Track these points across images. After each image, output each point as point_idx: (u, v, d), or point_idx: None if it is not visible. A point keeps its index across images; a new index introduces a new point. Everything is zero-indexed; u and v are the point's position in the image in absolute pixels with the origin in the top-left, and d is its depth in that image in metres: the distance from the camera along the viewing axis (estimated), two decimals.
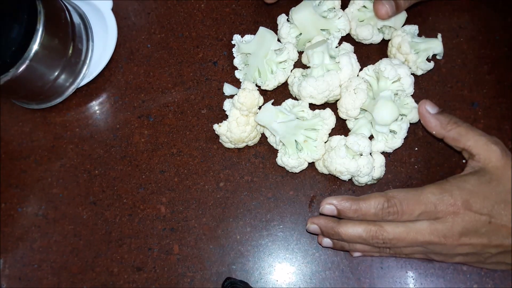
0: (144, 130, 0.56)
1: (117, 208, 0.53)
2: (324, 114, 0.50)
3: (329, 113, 0.50)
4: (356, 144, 0.47)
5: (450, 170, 0.51)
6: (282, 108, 0.50)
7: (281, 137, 0.50)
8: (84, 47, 0.56)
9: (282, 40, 0.55)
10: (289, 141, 0.50)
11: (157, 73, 0.58)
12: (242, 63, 0.56)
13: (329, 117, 0.50)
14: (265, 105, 0.50)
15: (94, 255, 0.52)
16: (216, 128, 0.52)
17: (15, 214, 0.54)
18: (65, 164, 0.55)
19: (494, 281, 0.48)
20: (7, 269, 0.52)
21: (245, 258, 0.51)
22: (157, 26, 0.60)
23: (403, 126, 0.50)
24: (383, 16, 0.51)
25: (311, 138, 0.50)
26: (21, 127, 0.57)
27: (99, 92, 0.58)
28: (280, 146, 0.51)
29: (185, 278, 0.51)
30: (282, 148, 0.51)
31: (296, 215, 0.51)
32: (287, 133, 0.50)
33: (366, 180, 0.49)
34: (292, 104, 0.52)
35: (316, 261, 0.50)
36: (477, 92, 0.54)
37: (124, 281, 0.51)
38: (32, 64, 0.49)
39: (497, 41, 0.55)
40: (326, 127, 0.50)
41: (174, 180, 0.54)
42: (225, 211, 0.52)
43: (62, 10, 0.53)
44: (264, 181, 0.53)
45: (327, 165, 0.49)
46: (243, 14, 0.59)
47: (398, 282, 0.49)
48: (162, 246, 0.52)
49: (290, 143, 0.50)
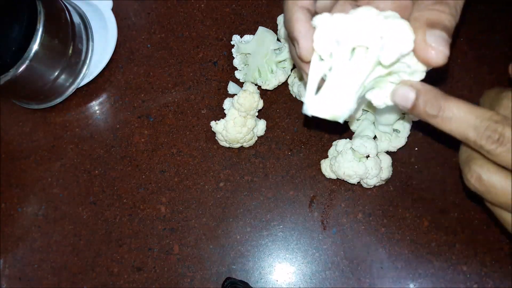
0: (144, 130, 0.56)
1: (117, 208, 0.53)
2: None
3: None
4: (362, 146, 0.47)
5: (450, 170, 0.51)
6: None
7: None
8: (84, 47, 0.56)
9: (282, 40, 0.55)
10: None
11: (157, 73, 0.58)
12: (242, 63, 0.56)
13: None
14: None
15: (94, 255, 0.52)
16: (213, 125, 0.52)
17: (15, 214, 0.54)
18: (65, 164, 0.55)
19: (494, 281, 0.48)
20: (7, 269, 0.52)
21: (245, 258, 0.51)
22: (157, 26, 0.60)
23: (406, 125, 0.50)
24: (440, 63, 0.33)
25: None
26: (21, 127, 0.57)
27: (99, 92, 0.58)
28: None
29: (185, 278, 0.51)
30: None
31: (296, 215, 0.51)
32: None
33: (375, 181, 0.49)
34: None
35: (316, 261, 0.50)
36: (477, 92, 0.54)
37: (124, 281, 0.51)
38: (32, 64, 0.49)
39: (497, 41, 0.55)
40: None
41: (174, 180, 0.54)
42: (225, 211, 0.52)
43: (62, 10, 0.53)
44: (264, 181, 0.53)
45: (335, 169, 0.49)
46: (243, 14, 0.59)
47: (398, 282, 0.49)
48: (162, 246, 0.52)
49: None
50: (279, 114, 0.55)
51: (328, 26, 0.33)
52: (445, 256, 0.49)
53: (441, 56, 0.32)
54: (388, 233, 0.50)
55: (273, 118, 0.55)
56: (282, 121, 0.55)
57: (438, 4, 0.33)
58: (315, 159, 0.53)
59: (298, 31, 0.35)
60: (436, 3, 0.33)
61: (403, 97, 0.34)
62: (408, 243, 0.50)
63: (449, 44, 0.33)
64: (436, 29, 0.32)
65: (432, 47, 0.32)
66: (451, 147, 0.52)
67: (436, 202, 0.51)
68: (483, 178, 0.33)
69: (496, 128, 0.31)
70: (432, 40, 0.32)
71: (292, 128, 0.54)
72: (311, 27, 0.34)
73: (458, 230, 0.50)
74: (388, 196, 0.51)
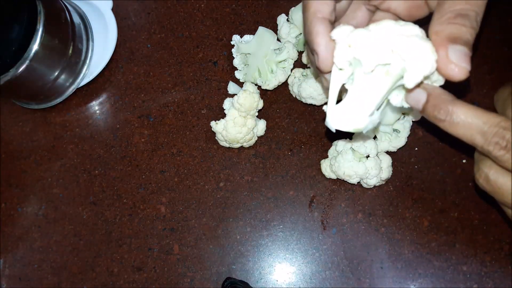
0: (144, 130, 0.56)
1: (117, 208, 0.53)
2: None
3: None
4: (362, 146, 0.47)
5: (450, 170, 0.51)
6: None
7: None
8: (84, 47, 0.56)
9: (282, 40, 0.55)
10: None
11: (157, 73, 0.58)
12: (241, 63, 0.56)
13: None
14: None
15: (94, 255, 0.52)
16: (213, 125, 0.52)
17: (15, 214, 0.54)
18: (65, 164, 0.55)
19: (494, 281, 0.48)
20: (7, 269, 0.52)
21: (245, 258, 0.51)
22: (157, 26, 0.60)
23: (406, 125, 0.50)
24: (462, 78, 0.33)
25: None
26: (21, 127, 0.57)
27: (99, 92, 0.58)
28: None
29: (185, 278, 0.51)
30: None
31: (296, 215, 0.51)
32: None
33: (375, 181, 0.49)
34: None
35: (316, 261, 0.50)
36: (477, 92, 0.54)
37: (124, 281, 0.51)
38: (32, 64, 0.49)
39: (497, 41, 0.55)
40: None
41: (174, 180, 0.54)
42: (225, 211, 0.52)
43: (62, 10, 0.53)
44: (264, 181, 0.53)
45: (335, 170, 0.49)
46: (243, 14, 0.59)
47: (398, 282, 0.49)
48: (162, 246, 0.52)
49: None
50: (279, 114, 0.55)
51: (349, 42, 0.33)
52: (445, 256, 0.49)
53: (463, 72, 0.32)
54: (388, 233, 0.50)
55: (273, 118, 0.55)
56: (282, 121, 0.55)
57: (460, 17, 0.33)
58: (315, 159, 0.53)
59: (318, 44, 0.35)
60: (457, 16, 0.33)
61: (415, 99, 0.34)
62: (408, 243, 0.50)
63: (470, 58, 0.33)
64: (457, 44, 0.32)
65: (455, 63, 0.32)
66: (451, 147, 0.52)
67: (436, 202, 0.51)
68: (490, 179, 0.34)
69: (504, 135, 0.31)
70: (454, 57, 0.32)
71: (292, 128, 0.54)
72: (331, 40, 0.34)
73: (458, 230, 0.50)
74: (388, 196, 0.51)
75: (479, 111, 0.32)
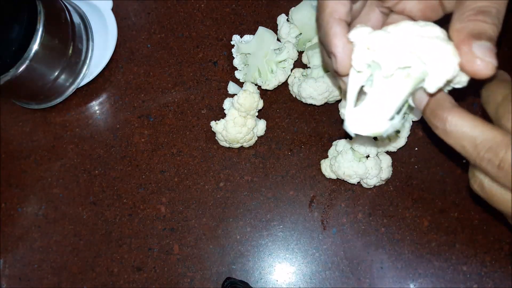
0: (144, 130, 0.56)
1: (117, 208, 0.53)
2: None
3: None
4: (362, 146, 0.47)
5: (450, 170, 0.51)
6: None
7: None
8: (84, 47, 0.56)
9: (282, 40, 0.55)
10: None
11: (157, 73, 0.58)
12: (242, 63, 0.56)
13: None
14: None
15: (94, 255, 0.52)
16: (213, 125, 0.52)
17: (15, 214, 0.54)
18: (65, 164, 0.55)
19: (494, 281, 0.48)
20: (7, 269, 0.52)
21: (245, 258, 0.51)
22: (157, 26, 0.60)
23: (406, 125, 0.50)
24: (489, 74, 0.32)
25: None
26: (21, 127, 0.57)
27: (99, 92, 0.58)
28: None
29: (185, 278, 0.51)
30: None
31: (296, 215, 0.51)
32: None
33: (375, 181, 0.49)
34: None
35: (316, 261, 0.50)
36: (476, 93, 0.54)
37: (124, 281, 0.51)
38: (32, 64, 0.49)
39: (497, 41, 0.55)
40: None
41: (174, 180, 0.54)
42: (225, 211, 0.52)
43: (62, 10, 0.53)
44: (264, 181, 0.53)
45: (335, 170, 0.49)
46: (243, 14, 0.59)
47: (398, 282, 0.49)
48: (162, 246, 0.52)
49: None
50: (279, 114, 0.55)
51: (367, 44, 0.31)
52: (445, 256, 0.49)
53: (490, 67, 0.31)
54: (388, 233, 0.50)
55: (273, 118, 0.55)
56: (282, 121, 0.55)
57: (481, 14, 0.31)
58: (315, 159, 0.53)
59: (335, 46, 0.34)
60: (478, 13, 0.31)
61: (418, 100, 0.34)
62: (408, 243, 0.50)
63: (495, 54, 0.31)
64: (481, 40, 0.31)
65: (480, 58, 0.30)
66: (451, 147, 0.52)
67: (436, 202, 0.51)
68: (485, 186, 0.33)
69: (498, 152, 0.29)
70: (479, 52, 0.31)
71: (292, 128, 0.54)
72: (348, 41, 0.33)
73: (458, 230, 0.50)
74: (388, 196, 0.51)
75: (476, 122, 0.30)
